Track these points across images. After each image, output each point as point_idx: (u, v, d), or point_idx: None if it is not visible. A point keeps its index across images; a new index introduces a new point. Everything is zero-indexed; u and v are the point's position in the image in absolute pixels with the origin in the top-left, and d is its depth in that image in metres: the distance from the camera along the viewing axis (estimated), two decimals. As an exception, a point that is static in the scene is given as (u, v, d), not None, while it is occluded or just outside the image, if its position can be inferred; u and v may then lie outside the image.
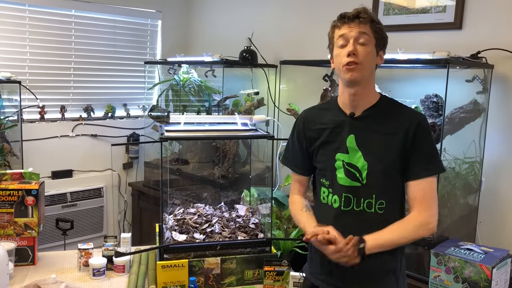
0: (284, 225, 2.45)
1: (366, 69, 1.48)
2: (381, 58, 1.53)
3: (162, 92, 3.64)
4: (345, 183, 1.54)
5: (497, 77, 2.29)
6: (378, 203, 1.51)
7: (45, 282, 1.87)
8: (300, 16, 3.20)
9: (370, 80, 1.53)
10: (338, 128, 1.56)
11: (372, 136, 1.52)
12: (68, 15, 3.45)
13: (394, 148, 1.49)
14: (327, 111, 1.64)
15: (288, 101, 2.95)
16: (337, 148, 1.56)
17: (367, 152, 1.51)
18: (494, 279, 1.87)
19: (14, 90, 3.08)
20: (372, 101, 1.55)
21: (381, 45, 1.51)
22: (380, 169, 1.50)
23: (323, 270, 1.61)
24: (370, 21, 1.48)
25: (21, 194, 2.03)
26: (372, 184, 1.51)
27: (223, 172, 3.10)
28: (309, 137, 1.64)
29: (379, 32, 1.50)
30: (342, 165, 1.54)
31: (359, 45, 1.46)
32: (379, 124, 1.52)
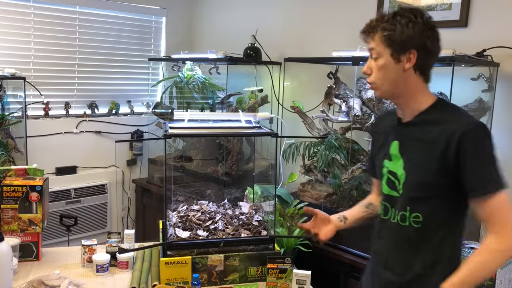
0: (288, 222, 2.45)
1: (383, 85, 1.41)
2: (409, 60, 1.36)
3: (166, 89, 3.64)
4: (385, 191, 1.50)
5: (502, 75, 2.28)
6: (413, 216, 1.41)
7: (49, 277, 1.88)
8: (304, 13, 3.19)
9: (407, 90, 1.40)
10: (388, 133, 1.52)
11: (414, 144, 1.41)
12: (73, 12, 3.45)
13: (433, 159, 1.35)
14: (390, 115, 1.57)
15: (292, 98, 2.94)
16: (385, 154, 1.51)
17: (408, 161, 1.42)
18: (498, 278, 1.86)
19: (19, 86, 3.09)
20: (421, 107, 1.42)
21: (399, 50, 1.36)
22: (415, 180, 1.40)
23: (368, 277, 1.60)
24: (378, 32, 1.38)
25: (25, 190, 2.04)
26: (407, 195, 1.42)
27: (226, 170, 3.10)
28: (375, 141, 1.65)
29: (392, 37, 1.36)
30: (386, 172, 1.49)
31: (373, 61, 1.41)
32: (423, 132, 1.39)
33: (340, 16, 2.98)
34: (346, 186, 2.51)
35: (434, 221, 1.39)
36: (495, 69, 2.26)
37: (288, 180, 2.78)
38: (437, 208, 1.39)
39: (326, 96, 2.73)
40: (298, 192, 2.79)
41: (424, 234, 1.39)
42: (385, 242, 1.49)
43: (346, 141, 2.58)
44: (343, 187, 2.52)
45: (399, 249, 1.45)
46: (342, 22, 2.97)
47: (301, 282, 1.91)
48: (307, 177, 2.83)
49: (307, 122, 2.78)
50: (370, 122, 2.40)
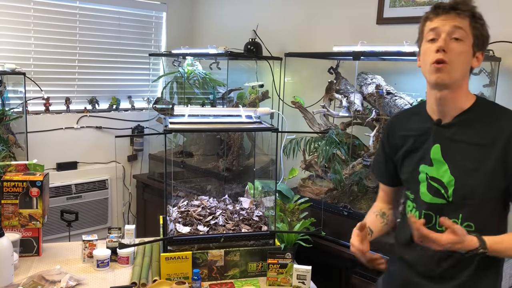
0: (288, 218, 2.45)
1: (456, 71, 1.27)
2: (478, 60, 1.31)
3: (166, 84, 3.64)
4: (426, 198, 1.37)
5: (504, 70, 2.27)
6: (465, 225, 1.31)
7: (50, 273, 1.88)
8: (305, 8, 3.17)
9: (463, 83, 1.32)
10: (423, 136, 1.38)
11: (462, 147, 1.31)
12: (73, 7, 3.44)
13: (490, 162, 1.27)
14: (415, 116, 1.45)
15: (293, 93, 2.93)
16: (420, 159, 1.39)
17: (455, 166, 1.32)
18: (499, 274, 1.86)
19: (19, 82, 3.08)
20: (464, 106, 1.33)
21: (479, 45, 1.29)
22: (469, 186, 1.30)
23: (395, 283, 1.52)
24: (470, 15, 1.27)
25: (25, 186, 2.04)
26: (459, 203, 1.32)
27: (227, 165, 3.09)
28: (393, 145, 1.49)
29: (479, 29, 1.29)
30: (425, 178, 1.37)
31: (453, 41, 1.25)
32: (471, 133, 1.31)
33: (341, 11, 2.97)
34: (346, 181, 2.51)
35: (485, 229, 1.30)
36: (496, 64, 2.25)
37: (288, 175, 2.77)
38: (490, 216, 1.33)
39: (327, 91, 2.73)
40: (299, 188, 2.79)
41: None
42: (424, 252, 1.36)
43: (347, 137, 2.58)
44: (344, 182, 2.52)
45: (443, 260, 1.36)
46: (343, 17, 2.95)
47: (302, 277, 1.91)
48: (307, 173, 2.83)
49: (307, 117, 2.77)
50: (370, 118, 2.39)
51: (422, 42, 1.34)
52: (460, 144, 1.32)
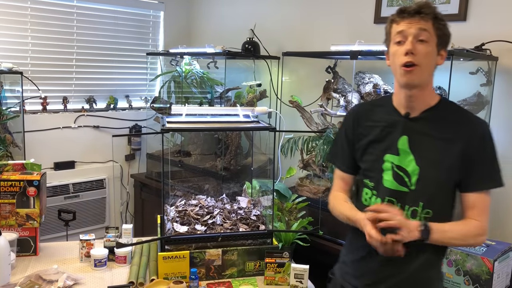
0: (286, 217, 2.45)
1: (425, 71, 1.38)
2: (442, 57, 1.42)
3: (164, 83, 3.63)
4: (391, 186, 1.45)
5: (501, 69, 2.27)
6: (425, 212, 1.42)
7: (47, 272, 1.88)
8: (303, 7, 3.17)
9: (429, 81, 1.43)
10: (390, 128, 1.47)
11: (428, 140, 1.42)
12: (70, 6, 3.43)
13: (452, 156, 1.39)
14: (380, 107, 1.54)
15: (290, 93, 2.93)
16: (386, 149, 1.47)
17: (421, 156, 1.42)
18: (496, 272, 1.86)
19: (16, 81, 3.07)
20: (430, 102, 1.45)
21: (443, 44, 1.40)
22: (432, 176, 1.41)
23: (356, 273, 1.56)
24: (432, 18, 1.36)
25: (22, 185, 2.03)
26: (421, 191, 1.42)
27: (225, 164, 3.09)
28: (358, 134, 1.55)
29: (442, 29, 1.38)
30: (390, 167, 1.45)
31: (419, 43, 1.35)
32: (437, 128, 1.42)
33: (339, 10, 2.97)
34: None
35: (440, 217, 1.42)
36: (493, 63, 2.25)
37: (286, 174, 2.77)
38: (444, 204, 1.44)
39: (325, 91, 2.73)
40: (297, 187, 2.79)
41: None
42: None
43: (344, 136, 2.58)
44: (342, 181, 2.52)
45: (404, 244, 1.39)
46: (341, 16, 2.96)
47: (299, 276, 1.92)
48: (305, 172, 2.83)
49: (305, 117, 2.77)
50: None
51: (390, 44, 1.43)
52: (426, 137, 1.42)
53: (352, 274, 1.58)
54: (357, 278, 1.56)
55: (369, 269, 1.52)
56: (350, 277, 1.59)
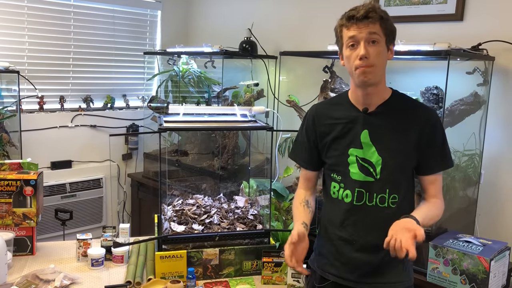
0: (283, 216, 2.45)
1: (379, 70, 1.48)
2: (392, 52, 1.52)
3: (161, 83, 3.63)
4: (358, 178, 1.54)
5: (497, 69, 2.28)
6: (391, 197, 1.53)
7: (44, 272, 1.87)
8: (300, 7, 3.17)
9: (383, 78, 1.53)
10: (351, 124, 1.56)
11: (386, 132, 1.52)
12: (67, 5, 3.42)
13: (409, 143, 1.51)
14: (338, 105, 1.63)
15: (288, 92, 2.94)
16: (350, 143, 1.55)
17: (382, 147, 1.52)
18: (492, 271, 1.87)
19: (13, 80, 3.07)
20: (385, 96, 1.55)
21: (391, 39, 1.50)
22: (394, 164, 1.52)
23: (334, 263, 1.62)
24: (379, 19, 1.45)
25: (19, 184, 2.03)
26: (386, 179, 1.52)
27: (222, 164, 3.09)
28: (320, 132, 1.63)
29: (389, 28, 1.48)
30: (355, 160, 1.54)
31: (370, 45, 1.44)
32: (393, 120, 1.53)
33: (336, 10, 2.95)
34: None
35: (405, 199, 1.55)
36: (490, 63, 2.26)
37: (283, 174, 2.78)
38: (407, 188, 1.56)
39: (322, 90, 2.73)
40: (294, 186, 2.79)
41: (398, 213, 1.48)
42: (358, 226, 1.55)
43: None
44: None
45: (375, 230, 1.51)
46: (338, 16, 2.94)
47: (296, 276, 1.92)
48: (302, 171, 2.83)
49: (302, 116, 2.77)
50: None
51: (343, 47, 1.51)
52: (384, 129, 1.53)
53: (331, 264, 1.63)
54: (337, 268, 1.61)
55: (346, 258, 1.58)
56: (329, 267, 1.63)
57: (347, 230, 1.57)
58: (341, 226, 1.58)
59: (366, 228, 1.54)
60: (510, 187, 2.30)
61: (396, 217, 1.46)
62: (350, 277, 1.58)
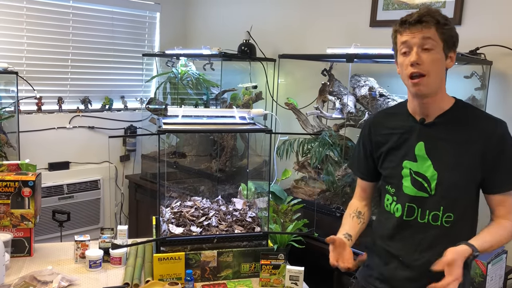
0: (281, 219, 2.46)
1: (433, 79, 1.37)
2: (452, 59, 1.40)
3: (160, 84, 3.63)
4: (410, 192, 1.47)
5: (495, 73, 2.29)
6: (446, 216, 1.43)
7: (41, 273, 1.87)
8: (299, 10, 3.18)
9: (442, 87, 1.43)
10: (407, 134, 1.48)
11: (444, 144, 1.42)
12: (66, 6, 3.42)
13: (469, 158, 1.40)
14: (395, 115, 1.55)
15: (286, 95, 2.94)
16: (404, 155, 1.48)
17: (438, 161, 1.42)
18: (489, 275, 1.88)
19: (11, 81, 3.06)
20: (445, 106, 1.44)
21: (450, 47, 1.39)
22: (451, 180, 1.41)
23: (378, 276, 1.58)
24: (435, 23, 1.35)
25: (17, 185, 2.02)
26: (441, 196, 1.42)
27: (220, 166, 3.09)
28: (376, 142, 1.57)
29: (447, 33, 1.37)
30: (409, 173, 1.47)
31: (424, 52, 1.34)
32: (453, 132, 1.42)
33: (335, 13, 2.98)
34: (339, 182, 2.52)
35: (463, 219, 1.43)
36: (488, 67, 2.27)
37: (282, 176, 2.78)
38: (466, 207, 1.44)
39: (320, 93, 2.74)
40: (292, 189, 2.80)
41: (453, 234, 1.41)
42: (406, 243, 1.48)
43: (339, 138, 2.59)
44: (336, 183, 2.53)
45: (425, 248, 1.44)
46: (337, 19, 2.97)
47: (294, 278, 1.92)
48: (300, 174, 2.84)
49: (301, 119, 2.78)
50: (363, 119, 2.40)
51: (397, 54, 1.43)
52: (442, 142, 1.42)
53: (376, 277, 1.58)
54: (381, 281, 1.57)
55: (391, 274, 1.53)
56: (373, 280, 1.59)
57: (395, 245, 1.51)
58: (389, 240, 1.53)
59: (415, 245, 1.46)
60: (507, 191, 2.30)
61: (449, 237, 1.39)
62: None
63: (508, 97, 2.29)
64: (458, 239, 1.37)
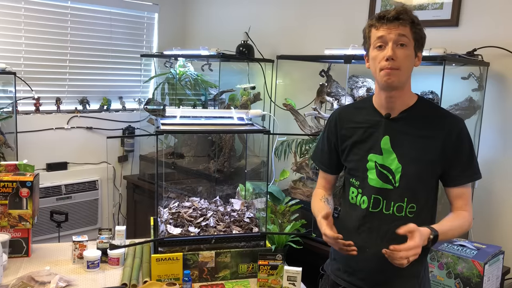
0: (279, 219, 2.46)
1: (404, 73, 1.44)
2: (419, 59, 1.48)
3: (158, 85, 3.63)
4: (376, 184, 1.51)
5: (492, 75, 2.30)
6: (409, 207, 1.49)
7: (39, 274, 1.87)
8: (297, 10, 3.19)
9: (407, 83, 1.49)
10: (372, 128, 1.53)
11: (408, 139, 1.48)
12: (64, 7, 3.42)
13: (431, 152, 1.47)
14: (361, 110, 1.59)
15: (284, 96, 2.95)
16: (370, 149, 1.53)
17: (402, 155, 1.48)
18: (486, 275, 1.88)
19: (9, 82, 3.06)
20: (409, 102, 1.51)
21: (419, 46, 1.46)
22: (414, 172, 1.47)
23: (347, 269, 1.61)
24: (410, 22, 1.42)
25: (15, 186, 2.02)
26: (405, 187, 1.48)
27: (218, 166, 3.10)
28: (341, 135, 1.61)
29: (419, 33, 1.44)
30: (374, 166, 1.51)
31: (398, 48, 1.41)
32: (416, 127, 1.49)
33: (333, 14, 2.99)
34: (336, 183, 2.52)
35: (424, 209, 1.51)
36: (485, 69, 2.28)
37: (279, 177, 2.78)
38: (428, 198, 1.52)
39: (318, 94, 2.74)
40: (290, 189, 2.80)
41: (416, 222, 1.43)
42: (372, 234, 1.52)
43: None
44: (334, 184, 2.53)
45: (390, 239, 1.46)
46: (335, 20, 2.97)
47: (292, 279, 1.92)
48: (298, 175, 2.84)
49: (299, 120, 2.79)
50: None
51: (370, 48, 1.48)
52: (406, 136, 1.49)
53: (344, 270, 1.62)
54: (349, 274, 1.60)
55: (359, 265, 1.57)
56: (342, 273, 1.62)
57: (361, 236, 1.54)
58: (356, 232, 1.56)
59: (381, 236, 1.51)
60: (504, 192, 2.32)
61: None
62: (361, 284, 1.56)
63: (505, 98, 2.30)
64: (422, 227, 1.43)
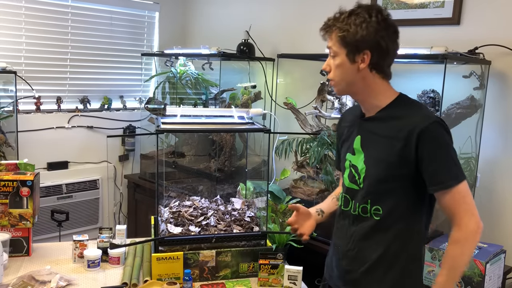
0: (280, 218, 2.46)
1: (340, 82, 1.44)
2: (363, 60, 1.37)
3: (158, 84, 3.63)
4: (347, 184, 1.53)
5: (494, 73, 2.29)
6: (374, 209, 1.44)
7: (40, 273, 1.87)
8: (298, 9, 3.18)
9: (365, 87, 1.42)
10: (352, 128, 1.55)
11: (374, 139, 1.44)
12: (65, 6, 3.42)
13: (392, 154, 1.37)
14: (353, 110, 1.62)
15: (285, 94, 2.94)
16: (348, 148, 1.55)
17: (368, 155, 1.45)
18: (488, 274, 1.88)
19: (10, 81, 3.06)
20: (381, 104, 1.44)
21: (354, 50, 1.37)
22: (374, 174, 1.42)
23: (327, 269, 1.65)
24: (334, 31, 1.40)
25: (16, 185, 2.02)
26: (368, 189, 1.44)
27: (219, 165, 3.09)
28: (339, 135, 1.66)
29: (346, 39, 1.37)
30: (349, 165, 1.53)
31: (331, 58, 1.44)
32: (383, 127, 1.42)
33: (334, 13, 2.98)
34: (338, 182, 2.52)
35: (394, 215, 1.42)
36: (486, 67, 2.27)
37: (280, 176, 2.78)
38: (397, 201, 1.41)
39: (319, 93, 2.74)
40: (291, 188, 2.79)
41: (385, 227, 1.42)
42: (342, 233, 1.53)
43: (338, 138, 2.59)
44: (335, 183, 2.53)
45: (357, 239, 1.47)
46: (336, 18, 2.96)
47: (293, 278, 1.92)
48: (299, 174, 2.84)
49: (300, 119, 2.78)
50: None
51: None
52: (373, 136, 1.45)
53: (336, 276, 1.59)
54: (331, 271, 1.62)
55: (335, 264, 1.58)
56: (336, 279, 1.60)
57: (336, 234, 1.59)
58: (335, 230, 1.60)
59: (348, 235, 1.50)
60: (505, 190, 2.31)
61: (383, 230, 1.41)
62: (338, 283, 1.57)
63: (507, 97, 2.29)
64: (390, 234, 1.41)
